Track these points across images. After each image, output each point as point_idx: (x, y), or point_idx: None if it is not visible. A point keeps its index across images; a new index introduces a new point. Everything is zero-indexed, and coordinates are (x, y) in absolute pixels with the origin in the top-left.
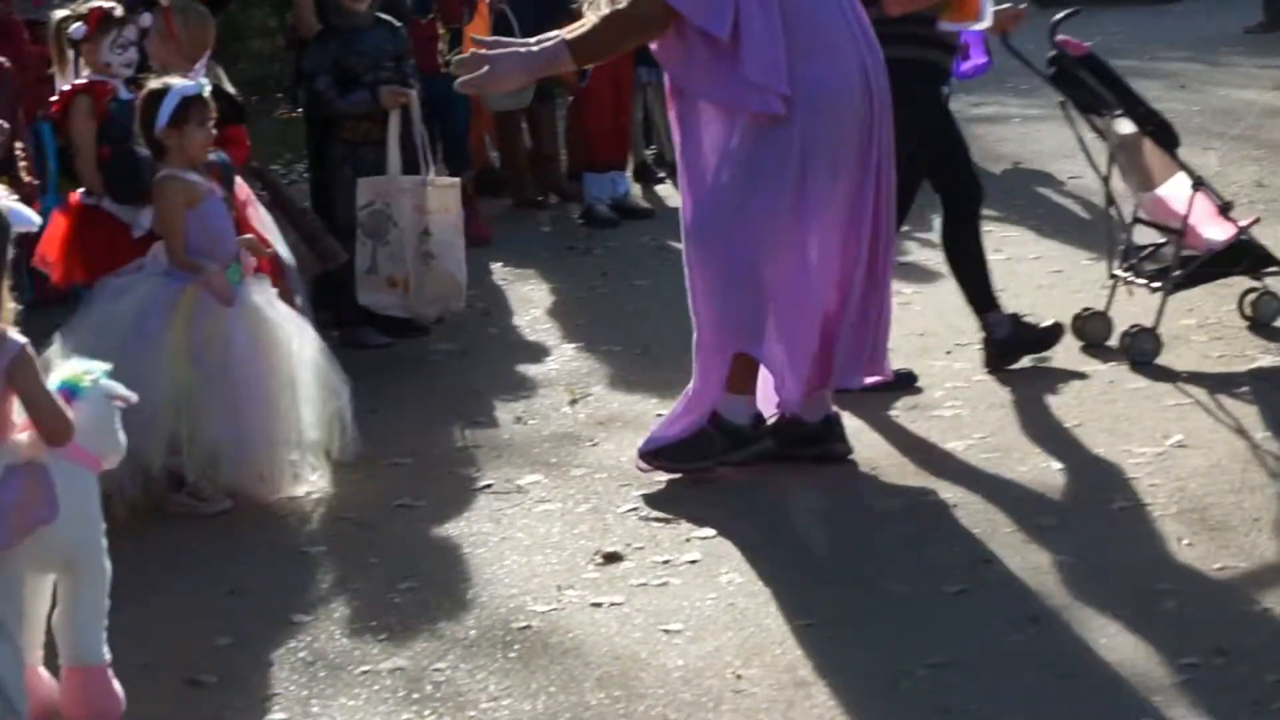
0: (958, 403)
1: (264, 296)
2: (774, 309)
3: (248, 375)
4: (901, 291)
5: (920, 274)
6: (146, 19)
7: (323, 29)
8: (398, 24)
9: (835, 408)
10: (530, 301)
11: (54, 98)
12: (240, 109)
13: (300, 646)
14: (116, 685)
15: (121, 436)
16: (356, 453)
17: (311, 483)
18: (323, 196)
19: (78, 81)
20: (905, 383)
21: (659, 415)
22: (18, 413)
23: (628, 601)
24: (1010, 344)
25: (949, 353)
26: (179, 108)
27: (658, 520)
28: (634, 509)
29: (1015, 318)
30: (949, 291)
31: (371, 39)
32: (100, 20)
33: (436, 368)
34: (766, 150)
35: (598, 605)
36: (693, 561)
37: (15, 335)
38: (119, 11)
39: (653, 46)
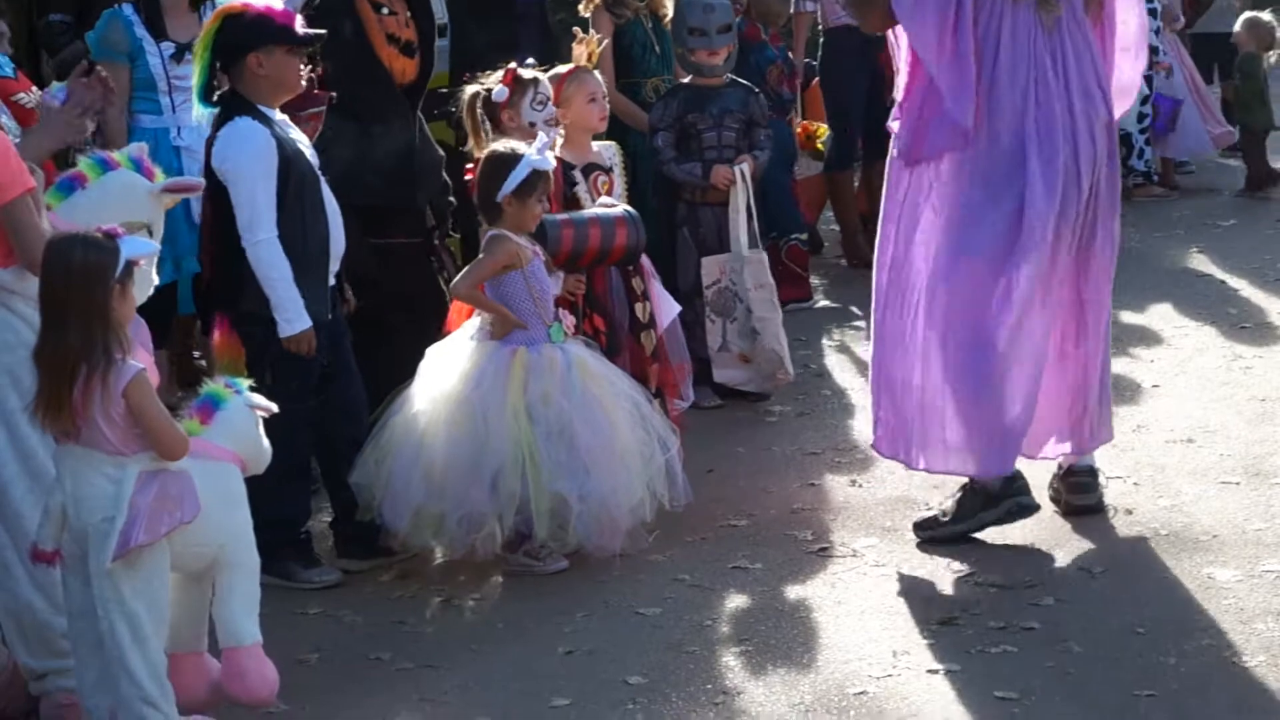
0: None
1: (591, 352)
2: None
3: (585, 429)
4: (1242, 355)
5: (1259, 335)
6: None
7: (675, 85)
8: (755, 89)
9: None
10: (866, 364)
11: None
12: None
13: (636, 709)
14: (269, 663)
15: (265, 443)
16: (688, 503)
17: (648, 541)
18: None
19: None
20: None
21: None
22: None
23: (964, 668)
24: None
25: None
26: (527, 179)
27: (994, 585)
28: (971, 574)
29: None
30: None
31: (721, 100)
32: (515, 81)
33: (772, 429)
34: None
35: (934, 671)
36: (1029, 629)
37: (133, 361)
38: (528, 73)
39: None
